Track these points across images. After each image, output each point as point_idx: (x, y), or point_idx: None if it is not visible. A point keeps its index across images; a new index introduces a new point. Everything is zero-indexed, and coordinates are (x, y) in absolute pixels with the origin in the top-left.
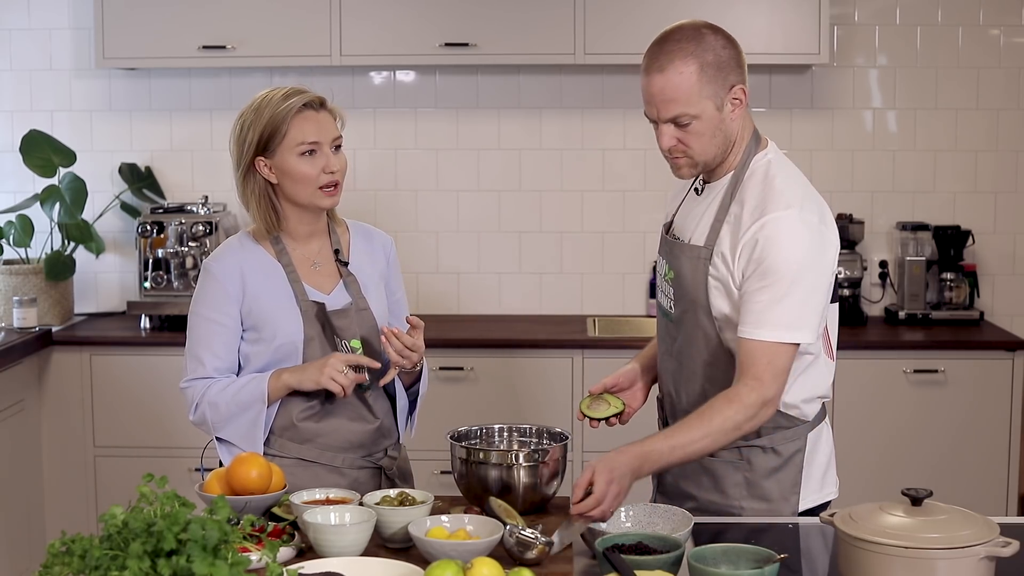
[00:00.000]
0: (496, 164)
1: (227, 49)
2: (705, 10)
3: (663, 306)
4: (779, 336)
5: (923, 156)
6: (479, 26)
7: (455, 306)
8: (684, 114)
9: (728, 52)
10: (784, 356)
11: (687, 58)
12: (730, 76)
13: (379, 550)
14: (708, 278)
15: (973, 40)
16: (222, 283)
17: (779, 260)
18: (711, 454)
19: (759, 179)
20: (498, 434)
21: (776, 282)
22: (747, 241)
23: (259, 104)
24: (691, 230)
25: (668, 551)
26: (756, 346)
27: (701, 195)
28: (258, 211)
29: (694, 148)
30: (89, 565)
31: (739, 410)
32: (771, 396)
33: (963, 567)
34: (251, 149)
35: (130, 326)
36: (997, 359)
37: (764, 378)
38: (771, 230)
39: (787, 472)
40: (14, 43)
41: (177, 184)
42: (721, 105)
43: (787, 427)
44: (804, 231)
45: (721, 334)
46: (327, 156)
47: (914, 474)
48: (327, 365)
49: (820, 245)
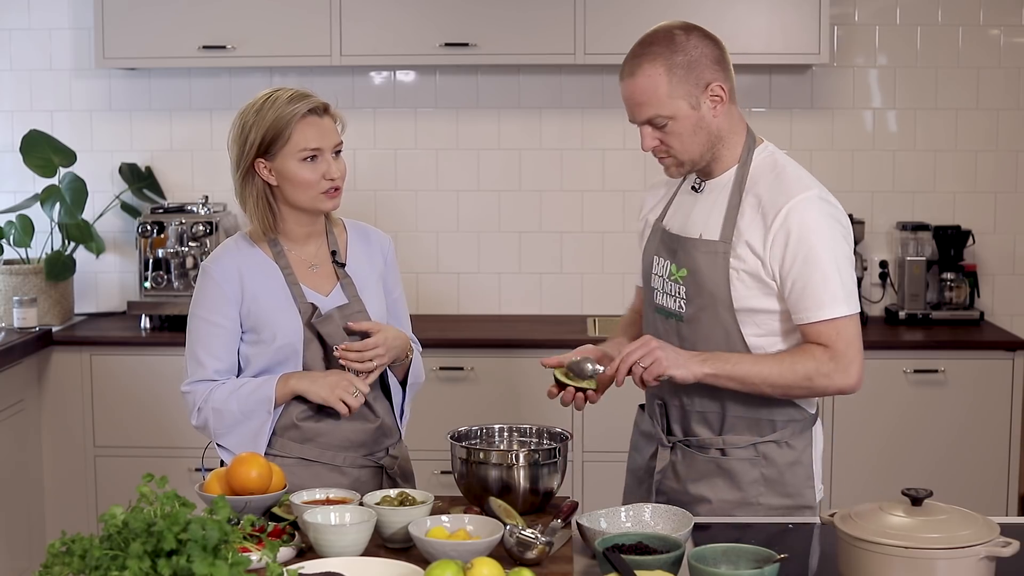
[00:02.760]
0: (496, 164)
1: (227, 49)
2: (705, 10)
3: (666, 307)
4: (841, 311)
5: (923, 156)
6: (479, 26)
7: (455, 306)
8: (657, 116)
9: (701, 51)
10: (852, 326)
11: (655, 60)
12: (704, 74)
13: (379, 550)
14: (730, 271)
15: (973, 40)
16: (220, 285)
17: (816, 241)
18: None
19: (768, 169)
20: (498, 434)
21: (820, 262)
22: (778, 229)
23: (261, 105)
24: (698, 226)
25: (668, 551)
26: (823, 327)
27: (701, 192)
28: (255, 212)
29: (675, 147)
30: (89, 565)
31: (813, 363)
32: (849, 363)
33: (963, 567)
34: (252, 150)
35: (130, 326)
36: (997, 359)
37: (838, 347)
38: (801, 214)
39: (802, 465)
40: (14, 43)
41: (177, 184)
42: (697, 104)
43: (799, 420)
44: (829, 208)
45: (742, 328)
46: (328, 162)
47: (914, 474)
48: (338, 386)
49: (842, 220)
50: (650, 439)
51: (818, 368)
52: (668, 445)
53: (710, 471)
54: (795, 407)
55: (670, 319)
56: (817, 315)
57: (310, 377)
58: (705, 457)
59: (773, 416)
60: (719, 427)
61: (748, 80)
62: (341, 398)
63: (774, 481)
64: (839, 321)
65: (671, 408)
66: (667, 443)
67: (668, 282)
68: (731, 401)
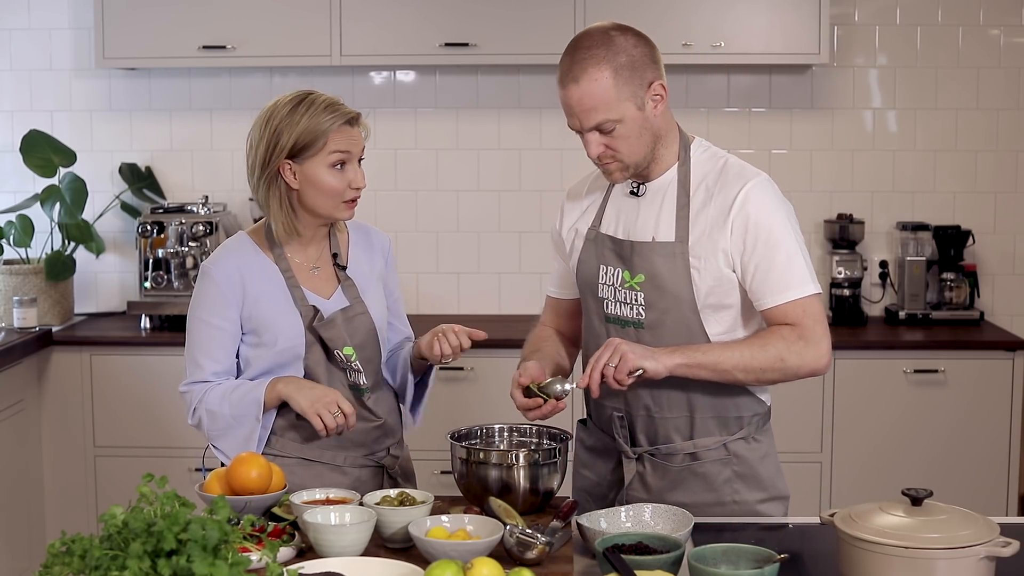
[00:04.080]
0: (496, 164)
1: (227, 49)
2: (705, 10)
3: (621, 316)
4: (807, 290)
5: (923, 156)
6: (479, 26)
7: (455, 306)
8: (606, 120)
9: (640, 50)
10: (818, 305)
11: (600, 64)
12: (646, 74)
13: (379, 550)
14: (691, 271)
15: (973, 40)
16: (220, 287)
17: (775, 223)
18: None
19: (710, 164)
20: (498, 434)
21: (783, 244)
22: (735, 216)
23: (295, 108)
24: (649, 230)
25: (668, 551)
26: (790, 307)
27: (641, 196)
28: (279, 215)
29: (623, 151)
30: (89, 565)
31: (783, 343)
32: (819, 340)
33: (963, 567)
34: (282, 153)
35: (130, 326)
36: (997, 359)
37: (806, 324)
38: (757, 199)
39: (771, 457)
40: (14, 43)
41: (177, 184)
42: (642, 104)
43: (760, 412)
44: (776, 192)
45: (706, 327)
46: (355, 171)
47: (914, 474)
48: (319, 401)
49: (787, 201)
50: (602, 453)
51: (788, 347)
52: (633, 456)
53: (682, 477)
54: (756, 400)
55: (626, 327)
56: (784, 296)
57: (297, 384)
58: (675, 464)
59: (740, 412)
60: (689, 432)
61: (748, 80)
62: (319, 413)
63: (747, 477)
64: (805, 300)
65: (636, 418)
66: (632, 455)
67: (621, 290)
68: (699, 403)
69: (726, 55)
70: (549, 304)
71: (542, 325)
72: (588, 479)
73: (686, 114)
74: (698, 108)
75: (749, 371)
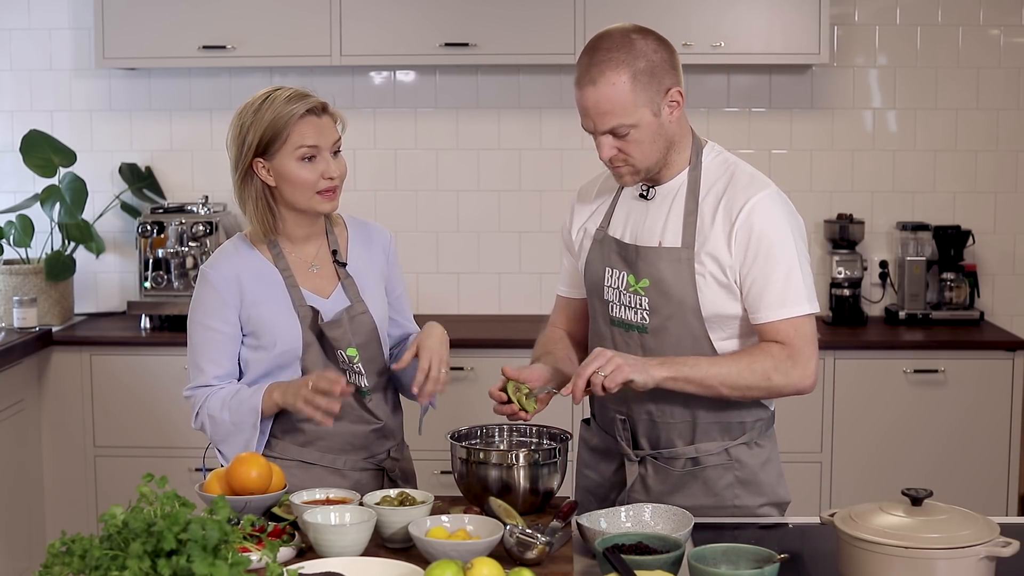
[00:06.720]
0: (496, 164)
1: (227, 49)
2: (705, 10)
3: (626, 320)
4: (802, 309)
5: (923, 156)
6: (479, 26)
7: (455, 306)
8: (621, 125)
9: (660, 55)
10: (810, 325)
11: (619, 68)
12: (664, 80)
13: (379, 550)
14: (696, 277)
15: (973, 40)
16: (219, 290)
17: (778, 238)
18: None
19: (720, 170)
20: (498, 434)
21: (783, 259)
22: (740, 227)
23: (259, 105)
24: (656, 234)
25: (668, 551)
26: (782, 325)
27: (651, 199)
28: (255, 214)
29: (635, 156)
30: (89, 565)
31: (771, 361)
32: (806, 361)
33: (963, 567)
34: (250, 151)
35: (130, 326)
36: (997, 359)
37: (796, 344)
38: (763, 212)
39: (773, 463)
40: (14, 43)
41: (177, 184)
42: (658, 111)
43: (763, 418)
44: (786, 206)
45: (711, 334)
46: (327, 161)
47: (914, 474)
48: (296, 395)
49: (799, 218)
50: (605, 455)
51: (776, 366)
52: (636, 459)
53: (683, 481)
54: (760, 406)
55: (631, 331)
56: (778, 313)
57: (282, 390)
58: (676, 468)
59: (743, 417)
60: (691, 436)
61: (748, 80)
62: (308, 403)
63: (749, 482)
64: (798, 320)
65: (638, 421)
66: (634, 457)
67: (626, 294)
68: (701, 408)
69: (726, 55)
70: (559, 304)
71: (552, 327)
72: (591, 479)
73: (686, 114)
74: (698, 108)
75: (735, 388)
